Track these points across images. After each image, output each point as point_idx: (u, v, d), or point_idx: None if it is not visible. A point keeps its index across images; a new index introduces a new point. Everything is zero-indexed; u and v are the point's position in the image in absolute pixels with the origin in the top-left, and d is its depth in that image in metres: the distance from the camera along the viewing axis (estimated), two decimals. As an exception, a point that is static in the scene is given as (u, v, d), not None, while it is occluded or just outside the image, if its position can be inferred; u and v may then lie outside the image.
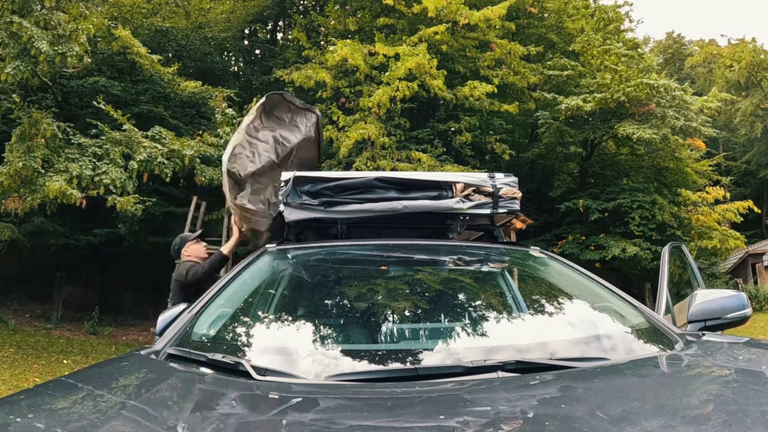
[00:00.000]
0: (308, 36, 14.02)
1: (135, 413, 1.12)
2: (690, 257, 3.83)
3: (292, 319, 2.10)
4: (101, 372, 1.51)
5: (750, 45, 27.47)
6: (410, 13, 12.04)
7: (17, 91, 9.76)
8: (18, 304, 13.85)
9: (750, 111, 26.63)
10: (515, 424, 1.05)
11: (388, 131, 11.10)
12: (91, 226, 12.93)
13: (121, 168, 8.66)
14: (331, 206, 2.56)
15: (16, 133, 8.43)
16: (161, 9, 15.27)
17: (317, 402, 1.19)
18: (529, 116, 14.53)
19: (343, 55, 10.68)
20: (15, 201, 8.46)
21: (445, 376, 1.35)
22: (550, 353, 1.48)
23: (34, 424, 1.06)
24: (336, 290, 2.24)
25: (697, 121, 12.73)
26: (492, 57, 12.44)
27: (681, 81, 19.44)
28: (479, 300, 2.12)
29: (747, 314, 1.94)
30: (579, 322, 1.79)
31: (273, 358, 1.50)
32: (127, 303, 15.37)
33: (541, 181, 15.38)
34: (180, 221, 12.44)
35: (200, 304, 1.89)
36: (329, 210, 2.55)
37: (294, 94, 12.99)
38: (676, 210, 13.54)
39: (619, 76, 12.65)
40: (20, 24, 7.72)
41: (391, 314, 1.96)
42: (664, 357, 1.53)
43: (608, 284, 2.06)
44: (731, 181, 25.08)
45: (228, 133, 9.63)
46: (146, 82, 12.91)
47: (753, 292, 19.65)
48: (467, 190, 2.59)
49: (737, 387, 1.28)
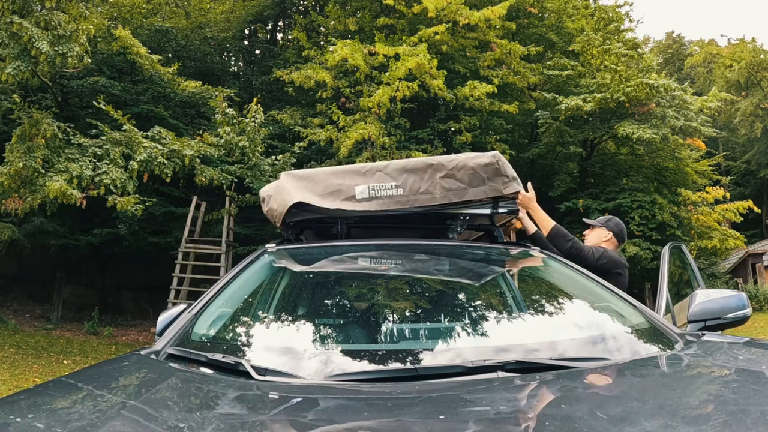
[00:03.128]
0: (308, 36, 14.02)
1: (135, 413, 1.12)
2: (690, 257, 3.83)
3: (292, 319, 2.10)
4: (101, 372, 1.51)
5: (750, 45, 27.48)
6: (410, 13, 12.04)
7: (17, 92, 9.76)
8: (18, 304, 13.86)
9: (750, 111, 26.64)
10: (515, 424, 1.05)
11: (388, 131, 11.10)
12: (91, 226, 12.93)
13: (122, 168, 8.65)
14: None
15: (16, 133, 8.43)
16: (161, 9, 15.27)
17: (317, 402, 1.20)
18: (529, 116, 14.53)
19: (343, 55, 10.68)
20: (15, 201, 8.46)
21: (445, 376, 1.35)
22: (550, 353, 1.48)
23: (34, 424, 1.06)
24: (336, 290, 2.24)
25: (697, 121, 12.72)
26: (492, 57, 12.44)
27: (681, 81, 19.44)
28: (479, 300, 2.12)
29: (747, 314, 1.95)
30: (579, 322, 1.79)
31: (273, 358, 1.50)
32: (127, 303, 15.39)
33: (541, 181, 15.37)
34: (180, 221, 12.46)
35: (200, 304, 1.89)
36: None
37: (294, 94, 13.03)
38: (676, 210, 13.54)
39: (619, 76, 12.65)
40: (20, 24, 7.72)
41: (390, 314, 1.96)
42: (664, 357, 1.53)
43: (608, 284, 2.07)
44: (731, 181, 25.11)
45: (228, 133, 9.64)
46: (146, 82, 12.91)
47: (753, 292, 19.65)
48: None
49: (737, 387, 1.28)
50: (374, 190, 2.50)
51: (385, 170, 2.54)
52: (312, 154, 12.47)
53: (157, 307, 10.92)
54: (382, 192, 2.50)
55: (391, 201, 2.49)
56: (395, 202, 2.49)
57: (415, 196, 2.49)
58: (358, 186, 2.51)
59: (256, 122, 9.86)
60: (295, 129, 11.99)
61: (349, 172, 2.61)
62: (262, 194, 2.72)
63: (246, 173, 10.07)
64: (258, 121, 9.90)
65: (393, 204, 2.49)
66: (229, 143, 9.67)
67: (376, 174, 2.54)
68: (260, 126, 10.02)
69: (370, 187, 2.51)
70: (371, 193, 2.50)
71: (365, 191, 2.50)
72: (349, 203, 2.49)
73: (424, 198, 2.49)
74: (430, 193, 2.49)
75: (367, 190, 2.50)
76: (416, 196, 2.49)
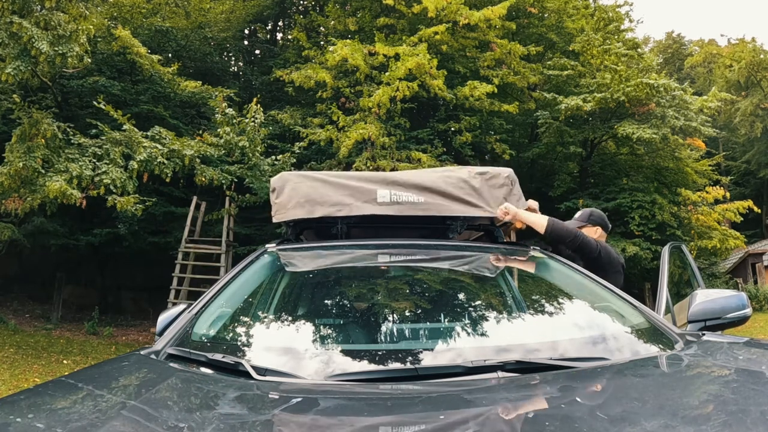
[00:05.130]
0: (308, 36, 14.01)
1: (135, 413, 1.12)
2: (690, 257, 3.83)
3: (292, 319, 2.10)
4: (101, 372, 1.51)
5: (750, 45, 27.47)
6: (410, 13, 12.03)
7: (17, 91, 9.75)
8: (18, 304, 13.85)
9: (750, 111, 26.63)
10: (515, 424, 1.05)
11: (388, 131, 11.10)
12: (91, 226, 12.92)
13: (121, 168, 8.65)
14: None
15: (16, 133, 8.42)
16: (161, 9, 15.25)
17: (317, 402, 1.19)
18: (529, 116, 14.52)
19: (343, 55, 10.67)
20: (15, 201, 8.46)
21: (445, 376, 1.35)
22: (550, 353, 1.48)
23: (34, 424, 1.06)
24: (336, 290, 2.24)
25: (697, 121, 12.72)
26: (492, 57, 12.43)
27: (681, 81, 19.44)
28: (479, 300, 2.12)
29: (747, 314, 1.94)
30: (579, 322, 1.79)
31: (273, 358, 1.50)
32: (127, 303, 15.38)
33: (541, 180, 15.39)
34: (180, 221, 12.45)
35: (200, 304, 1.89)
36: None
37: (294, 94, 13.02)
38: (676, 210, 13.54)
39: (619, 76, 12.64)
40: (20, 24, 7.72)
41: (390, 314, 1.96)
42: (664, 357, 1.53)
43: (608, 284, 2.06)
44: (731, 180, 25.09)
45: (228, 133, 9.63)
46: (146, 82, 12.90)
47: (753, 292, 19.65)
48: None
49: (737, 387, 1.28)
50: (396, 195, 2.61)
51: (406, 184, 2.65)
52: (312, 154, 12.47)
53: (157, 307, 10.90)
54: (403, 198, 2.61)
55: (412, 207, 2.60)
56: (415, 209, 2.61)
57: (435, 206, 2.62)
58: (380, 190, 2.61)
59: (256, 122, 9.86)
60: (295, 129, 11.99)
61: (372, 178, 2.71)
62: (273, 184, 2.78)
63: (246, 173, 10.07)
64: (258, 121, 9.90)
65: (413, 210, 2.61)
66: (229, 143, 9.67)
67: (397, 187, 2.65)
68: (260, 126, 10.02)
69: (392, 192, 2.61)
70: (393, 198, 2.60)
71: (387, 195, 2.60)
72: (370, 206, 2.59)
73: (443, 208, 2.62)
74: (448, 206, 2.63)
75: (389, 195, 2.61)
76: (436, 206, 2.62)
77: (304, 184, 2.66)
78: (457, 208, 2.61)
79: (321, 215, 2.60)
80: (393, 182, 2.65)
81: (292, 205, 2.62)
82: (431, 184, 2.63)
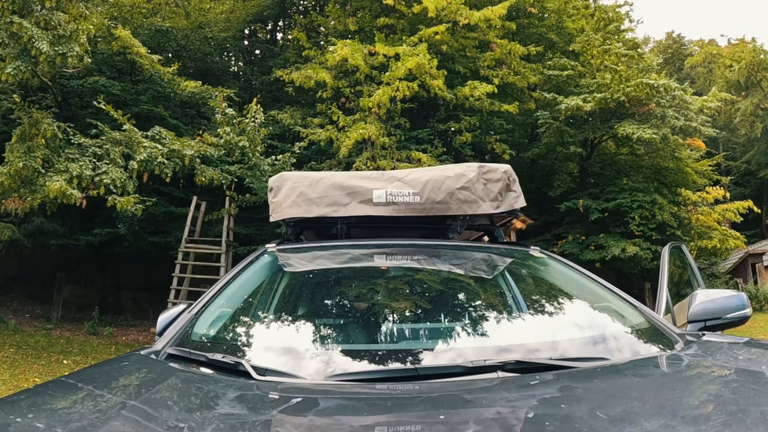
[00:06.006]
0: (308, 36, 14.01)
1: (135, 413, 1.12)
2: (690, 257, 3.83)
3: (292, 319, 2.10)
4: (101, 372, 1.51)
5: (750, 45, 27.48)
6: (410, 13, 12.04)
7: (17, 91, 9.75)
8: (18, 304, 13.85)
9: (750, 111, 26.64)
10: (515, 424, 1.05)
11: (388, 131, 11.10)
12: (91, 226, 12.92)
13: (122, 168, 8.65)
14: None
15: (16, 133, 8.42)
16: (161, 9, 15.25)
17: (317, 402, 1.19)
18: (529, 116, 14.53)
19: (343, 55, 10.68)
20: (15, 201, 8.46)
21: (445, 376, 1.35)
22: (550, 353, 1.48)
23: (34, 424, 1.06)
24: (336, 290, 2.24)
25: (697, 121, 12.73)
26: (492, 57, 12.44)
27: (681, 81, 19.44)
28: (479, 300, 2.11)
29: (747, 314, 1.94)
30: (579, 322, 1.79)
31: (273, 358, 1.50)
32: (127, 303, 15.38)
33: (541, 181, 15.40)
34: (180, 221, 12.46)
35: (200, 304, 1.89)
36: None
37: (294, 94, 13.02)
38: (676, 210, 13.55)
39: (619, 76, 12.65)
40: (20, 24, 7.72)
41: (390, 314, 1.95)
42: (664, 357, 1.53)
43: (608, 284, 2.06)
44: (731, 181, 25.11)
45: (228, 133, 9.63)
46: (146, 82, 12.90)
47: (753, 292, 19.64)
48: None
49: (737, 387, 1.28)
50: (392, 195, 2.56)
51: (404, 179, 2.61)
52: (312, 154, 12.47)
53: (157, 307, 10.91)
54: (399, 198, 2.56)
55: (408, 208, 2.55)
56: (411, 209, 2.56)
57: (431, 205, 2.56)
58: (376, 190, 2.56)
59: (256, 122, 9.86)
60: (295, 129, 11.99)
61: (368, 177, 2.67)
62: (272, 183, 2.77)
63: (246, 173, 10.07)
64: (258, 121, 9.90)
65: (409, 211, 2.56)
66: (229, 143, 9.67)
67: (395, 183, 2.61)
68: (260, 126, 10.02)
69: (388, 192, 2.57)
70: (389, 198, 2.56)
71: (383, 195, 2.56)
72: (366, 206, 2.55)
73: (440, 207, 2.56)
74: (446, 203, 2.56)
75: (384, 195, 2.56)
76: (432, 205, 2.56)
77: (301, 183, 2.65)
78: (453, 207, 2.57)
79: (317, 215, 2.59)
80: (389, 179, 2.62)
81: (288, 204, 2.61)
82: (428, 180, 2.59)
